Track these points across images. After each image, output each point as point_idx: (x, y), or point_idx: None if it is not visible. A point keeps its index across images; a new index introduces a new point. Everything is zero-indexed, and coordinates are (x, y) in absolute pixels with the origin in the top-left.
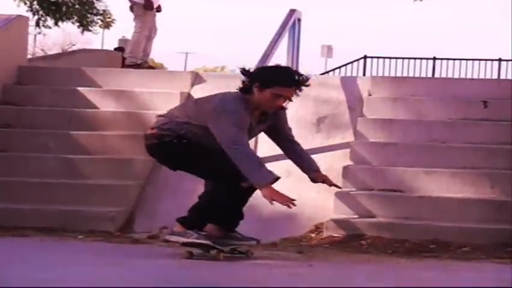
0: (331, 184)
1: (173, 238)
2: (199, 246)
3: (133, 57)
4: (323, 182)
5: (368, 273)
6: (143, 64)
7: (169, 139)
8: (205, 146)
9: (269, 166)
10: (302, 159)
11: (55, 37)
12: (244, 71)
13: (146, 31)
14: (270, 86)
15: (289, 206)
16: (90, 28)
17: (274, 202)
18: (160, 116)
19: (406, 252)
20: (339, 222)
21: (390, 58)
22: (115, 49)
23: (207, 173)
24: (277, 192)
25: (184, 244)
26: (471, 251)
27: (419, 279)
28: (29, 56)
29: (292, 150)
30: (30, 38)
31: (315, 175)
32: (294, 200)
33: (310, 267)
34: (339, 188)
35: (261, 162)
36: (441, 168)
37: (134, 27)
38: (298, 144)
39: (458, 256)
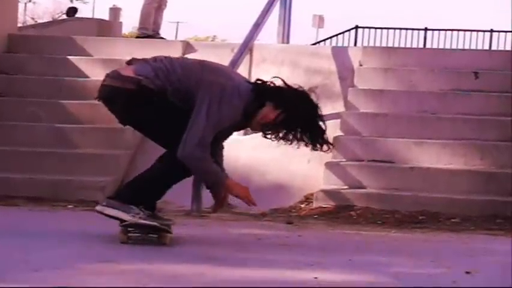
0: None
1: (113, 212)
2: (142, 227)
3: (144, 28)
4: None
5: (357, 244)
6: (155, 35)
7: (149, 93)
8: (177, 113)
9: (259, 136)
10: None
11: (45, 5)
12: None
13: (156, 2)
14: (286, 111)
15: (248, 204)
16: None
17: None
18: (145, 60)
19: (396, 223)
20: (329, 193)
21: (381, 28)
22: (68, 9)
23: (167, 142)
24: (240, 185)
25: (127, 225)
26: (460, 222)
27: (408, 250)
28: (19, 25)
29: (215, 152)
30: (21, 7)
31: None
32: (254, 203)
33: (299, 238)
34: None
35: (215, 165)
36: (432, 140)
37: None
38: (223, 149)
39: (448, 227)
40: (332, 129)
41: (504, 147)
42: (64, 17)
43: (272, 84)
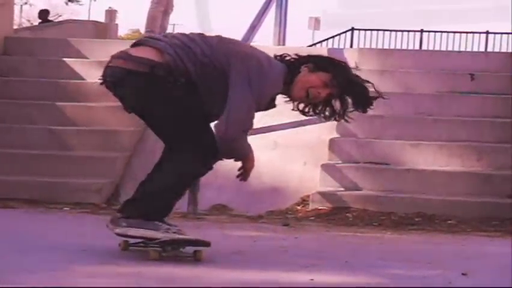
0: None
1: (139, 232)
2: (178, 243)
3: (151, 31)
4: None
5: (353, 245)
6: None
7: (167, 76)
8: (199, 104)
9: (256, 138)
10: None
11: (41, 8)
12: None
13: (162, 6)
14: (324, 71)
15: (243, 177)
16: None
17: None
18: (157, 38)
19: (392, 225)
20: (325, 195)
21: (377, 30)
22: (40, 11)
23: (174, 139)
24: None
25: (163, 242)
26: (457, 224)
27: (404, 252)
28: (15, 27)
29: None
30: (16, 9)
31: None
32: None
33: (295, 240)
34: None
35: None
36: (428, 141)
37: (151, 3)
38: None
39: (444, 229)
40: (328, 131)
41: (500, 149)
42: (60, 19)
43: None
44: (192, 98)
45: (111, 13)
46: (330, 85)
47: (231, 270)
